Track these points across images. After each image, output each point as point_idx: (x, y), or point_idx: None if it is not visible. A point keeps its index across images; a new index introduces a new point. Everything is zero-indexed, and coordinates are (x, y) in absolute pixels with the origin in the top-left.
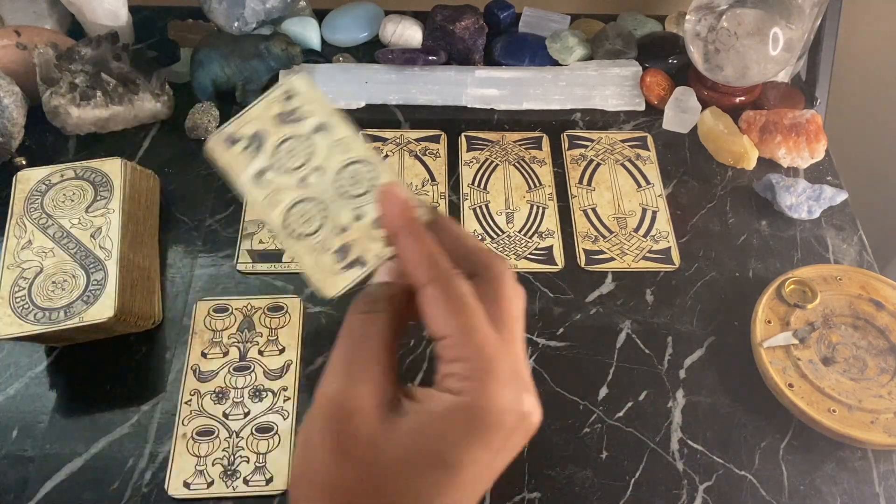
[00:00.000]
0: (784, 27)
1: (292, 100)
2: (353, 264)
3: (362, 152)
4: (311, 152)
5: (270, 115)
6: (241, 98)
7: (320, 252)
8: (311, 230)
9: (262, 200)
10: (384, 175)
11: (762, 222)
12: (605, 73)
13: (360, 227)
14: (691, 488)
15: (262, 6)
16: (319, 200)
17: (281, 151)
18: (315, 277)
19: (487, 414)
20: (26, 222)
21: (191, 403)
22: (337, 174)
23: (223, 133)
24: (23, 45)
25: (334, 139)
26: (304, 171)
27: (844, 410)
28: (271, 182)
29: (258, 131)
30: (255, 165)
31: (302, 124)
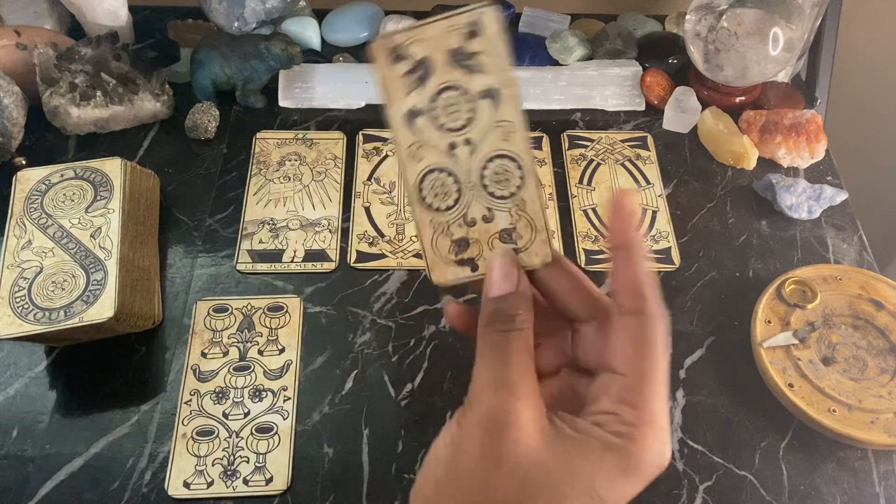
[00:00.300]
0: (784, 27)
1: (475, 39)
2: (466, 263)
3: (520, 149)
4: (472, 119)
5: (445, 46)
6: (240, 98)
7: (441, 233)
8: (443, 206)
9: (407, 148)
10: (531, 184)
11: (762, 222)
12: (605, 73)
13: (485, 230)
14: (691, 488)
15: (262, 6)
16: (460, 179)
17: (440, 100)
18: (429, 257)
19: (643, 463)
20: (26, 222)
21: (191, 403)
22: (487, 161)
23: (391, 40)
24: (23, 45)
25: (499, 118)
26: (457, 137)
27: (844, 410)
28: (422, 131)
29: (427, 58)
30: (412, 101)
31: (473, 78)
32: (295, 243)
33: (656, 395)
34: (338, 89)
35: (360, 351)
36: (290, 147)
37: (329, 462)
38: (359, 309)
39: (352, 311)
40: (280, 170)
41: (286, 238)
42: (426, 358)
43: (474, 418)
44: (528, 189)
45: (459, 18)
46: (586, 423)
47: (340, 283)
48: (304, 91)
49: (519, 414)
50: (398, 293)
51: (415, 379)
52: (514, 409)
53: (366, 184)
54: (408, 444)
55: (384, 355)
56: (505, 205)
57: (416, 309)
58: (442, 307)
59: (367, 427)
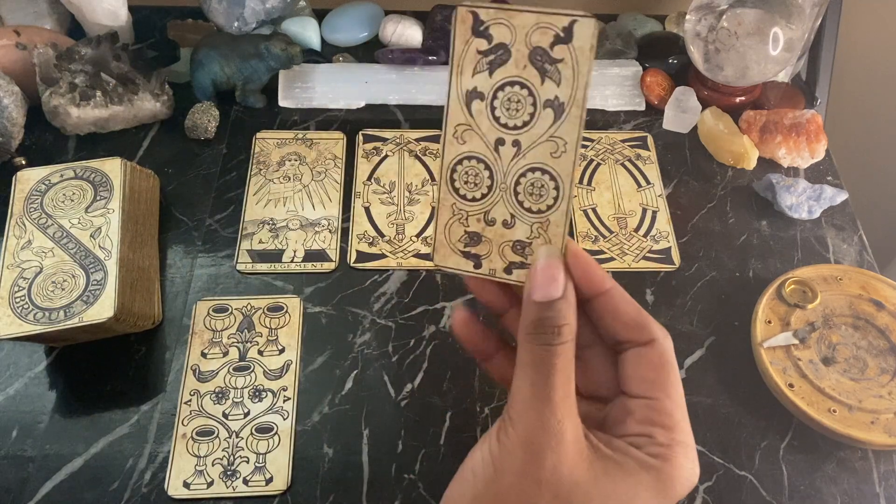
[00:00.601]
0: (784, 27)
1: (562, 46)
2: (471, 257)
3: (564, 171)
4: (529, 123)
5: (531, 41)
6: (240, 98)
7: (459, 220)
8: (469, 195)
9: (455, 126)
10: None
11: (762, 222)
12: (605, 73)
13: (500, 234)
14: None
15: (262, 6)
16: (494, 176)
17: (505, 93)
18: (438, 238)
19: (676, 483)
20: (26, 222)
21: (190, 403)
22: (528, 170)
23: (479, 10)
24: (22, 44)
25: (555, 133)
26: (507, 135)
27: (845, 410)
28: (475, 115)
29: (508, 46)
30: (477, 82)
31: (546, 84)
32: (295, 243)
33: (684, 416)
34: (338, 89)
35: (360, 351)
36: (289, 147)
37: (329, 462)
38: (359, 309)
39: (352, 312)
40: (280, 170)
41: (286, 238)
42: (426, 358)
43: (516, 438)
44: (558, 212)
45: (556, 19)
46: (622, 444)
47: (340, 284)
48: (303, 91)
49: (562, 436)
50: (398, 293)
51: (415, 379)
52: (557, 430)
53: (366, 184)
54: (408, 444)
55: (384, 355)
56: (530, 218)
57: (416, 309)
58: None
59: (367, 427)
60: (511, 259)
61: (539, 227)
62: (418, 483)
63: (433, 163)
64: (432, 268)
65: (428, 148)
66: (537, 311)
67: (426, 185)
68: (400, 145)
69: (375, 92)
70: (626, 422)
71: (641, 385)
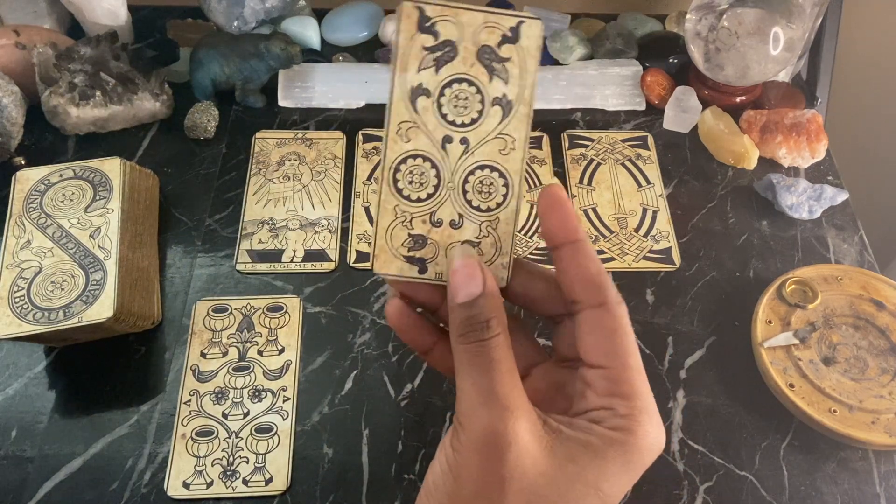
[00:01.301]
0: (785, 27)
1: (509, 45)
2: (415, 262)
3: (513, 168)
4: (477, 121)
5: (478, 39)
6: (240, 98)
7: (402, 223)
8: (414, 196)
9: (399, 123)
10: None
11: (763, 222)
12: (605, 73)
13: (447, 235)
14: (692, 489)
15: (262, 5)
16: (441, 175)
17: (452, 90)
18: (379, 243)
19: (643, 453)
20: (25, 222)
21: (190, 404)
22: (476, 168)
23: (425, 6)
24: (22, 44)
25: (504, 130)
26: (455, 133)
27: (845, 411)
28: (420, 113)
29: (455, 43)
30: (423, 79)
31: (493, 82)
32: (294, 243)
33: (643, 383)
34: (337, 89)
35: (359, 351)
36: (289, 147)
37: (329, 462)
38: (358, 309)
39: (351, 311)
40: (280, 169)
41: (286, 238)
42: None
43: (469, 443)
44: (508, 210)
45: (503, 19)
46: (583, 422)
47: (340, 283)
48: (303, 91)
49: (516, 429)
50: None
51: (415, 379)
52: (510, 425)
53: (365, 184)
54: (408, 444)
55: (384, 355)
56: (479, 217)
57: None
58: (387, 300)
59: (367, 427)
60: None
61: (488, 225)
62: (418, 483)
63: None
64: None
65: None
66: (463, 311)
67: None
68: None
69: (375, 92)
70: (586, 395)
71: (598, 353)
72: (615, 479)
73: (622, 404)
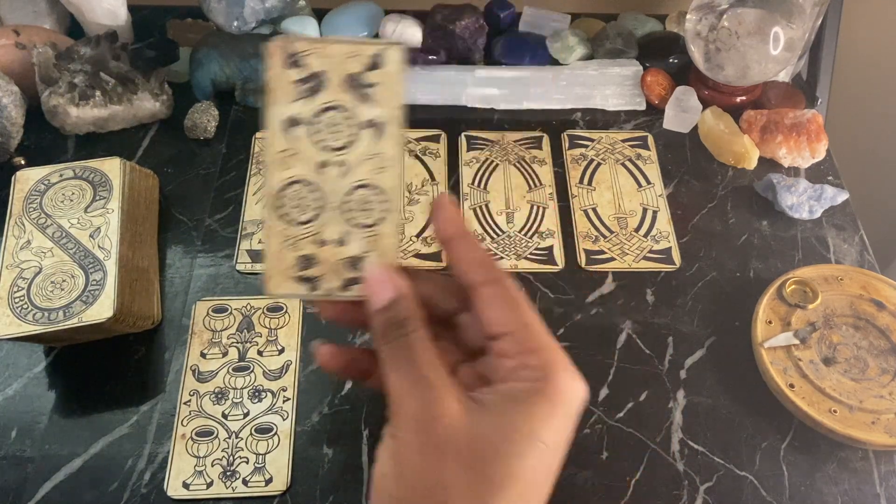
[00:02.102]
0: (785, 27)
1: (375, 71)
2: (305, 281)
3: (389, 184)
4: (351, 143)
5: (345, 69)
6: (240, 98)
7: (290, 245)
8: (298, 219)
9: (278, 153)
10: (392, 220)
11: (763, 222)
12: (605, 73)
13: (334, 254)
14: (692, 489)
15: (262, 5)
16: (322, 197)
17: (325, 117)
18: (269, 265)
19: (564, 397)
20: (25, 222)
21: (190, 404)
22: (354, 188)
23: (291, 45)
24: (22, 44)
25: (377, 150)
26: (332, 157)
27: (845, 411)
28: (297, 141)
29: (323, 74)
30: (297, 109)
31: (363, 106)
32: None
33: (549, 337)
34: None
35: None
36: None
37: (329, 462)
38: None
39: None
40: None
41: None
42: None
43: (404, 425)
44: (388, 224)
45: (365, 48)
46: (502, 385)
47: None
48: None
49: (443, 401)
50: None
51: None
52: (437, 399)
53: None
54: None
55: None
56: (361, 233)
57: None
58: (312, 351)
59: (366, 427)
60: (347, 276)
61: (371, 240)
62: None
63: (433, 162)
64: (433, 267)
65: (428, 148)
66: (381, 315)
67: (426, 184)
68: None
69: None
70: (501, 365)
71: (500, 322)
72: (546, 424)
73: (532, 357)
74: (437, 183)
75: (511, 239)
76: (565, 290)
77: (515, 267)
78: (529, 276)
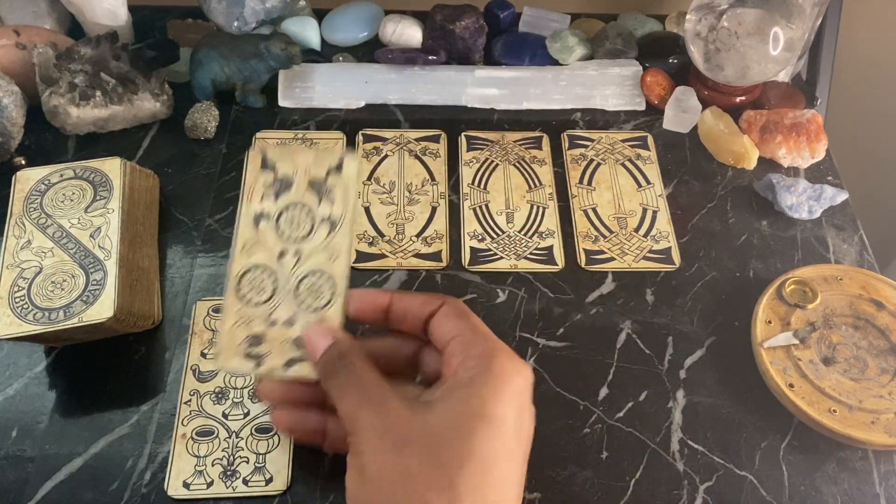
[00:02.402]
0: (785, 27)
1: (335, 175)
2: (252, 357)
3: (338, 273)
4: (308, 236)
5: (309, 173)
6: (240, 98)
7: (243, 324)
8: (254, 300)
9: (244, 241)
10: (338, 304)
11: (762, 222)
12: (605, 73)
13: (281, 333)
14: (692, 488)
15: (262, 6)
16: (278, 281)
17: (288, 213)
18: (223, 340)
19: (509, 378)
20: (25, 222)
21: (190, 403)
22: (307, 275)
23: (267, 153)
24: (22, 44)
25: (331, 242)
26: (290, 247)
27: (845, 411)
28: (262, 233)
29: (290, 177)
30: (264, 206)
31: (322, 204)
32: None
33: (491, 334)
34: (337, 89)
35: None
36: None
37: (329, 462)
38: None
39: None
40: None
41: None
42: None
43: (363, 439)
44: (334, 308)
45: (328, 157)
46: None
47: None
48: (303, 91)
49: (393, 409)
50: None
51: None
52: (388, 408)
53: (366, 184)
54: None
55: None
56: (309, 315)
57: None
58: (272, 421)
59: None
60: (291, 355)
61: (317, 322)
62: None
63: (433, 162)
64: (433, 267)
65: (428, 148)
66: (323, 359)
67: (426, 184)
68: (400, 145)
69: (375, 92)
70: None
71: (449, 331)
72: (493, 400)
73: (474, 348)
74: (437, 183)
75: (511, 239)
76: (565, 290)
77: (515, 267)
78: (529, 275)
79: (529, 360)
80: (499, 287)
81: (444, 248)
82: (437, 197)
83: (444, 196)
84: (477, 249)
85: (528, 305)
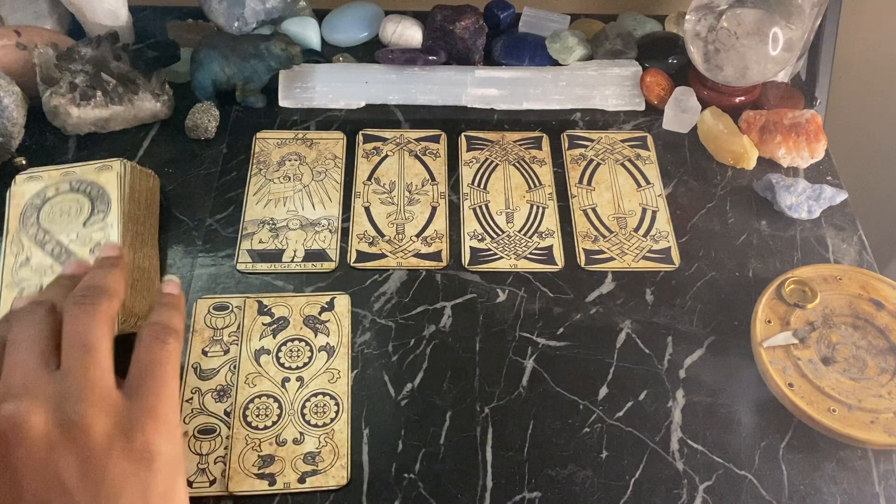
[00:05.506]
0: (784, 27)
1: (328, 311)
2: (265, 477)
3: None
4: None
5: (304, 312)
6: (240, 98)
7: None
8: (261, 425)
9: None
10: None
11: (762, 222)
12: (604, 73)
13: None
14: (691, 488)
15: (262, 6)
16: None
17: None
18: (233, 467)
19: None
20: (23, 238)
21: (192, 402)
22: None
23: (263, 298)
24: (23, 44)
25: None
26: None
27: (844, 410)
28: (264, 365)
29: (286, 318)
30: (264, 343)
31: (319, 336)
32: (295, 243)
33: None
34: (338, 89)
35: (359, 351)
36: (290, 147)
37: None
38: (359, 309)
39: (352, 311)
40: (280, 170)
41: (286, 238)
42: (426, 358)
43: None
44: (341, 421)
45: (319, 299)
46: None
47: (340, 283)
48: (304, 91)
49: None
50: (398, 293)
51: (415, 379)
52: None
53: (366, 184)
54: (408, 444)
55: (384, 355)
56: (316, 431)
57: (416, 309)
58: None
59: (367, 427)
60: (303, 470)
61: (326, 437)
62: (418, 483)
63: (433, 162)
64: (433, 267)
65: (428, 148)
66: None
67: (426, 184)
68: (400, 145)
69: (375, 92)
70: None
71: None
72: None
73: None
74: (437, 183)
75: (511, 239)
76: (565, 290)
77: (515, 266)
78: (529, 275)
79: (529, 360)
80: (499, 287)
81: (444, 248)
82: (437, 197)
83: (444, 196)
84: (477, 249)
85: (527, 305)
